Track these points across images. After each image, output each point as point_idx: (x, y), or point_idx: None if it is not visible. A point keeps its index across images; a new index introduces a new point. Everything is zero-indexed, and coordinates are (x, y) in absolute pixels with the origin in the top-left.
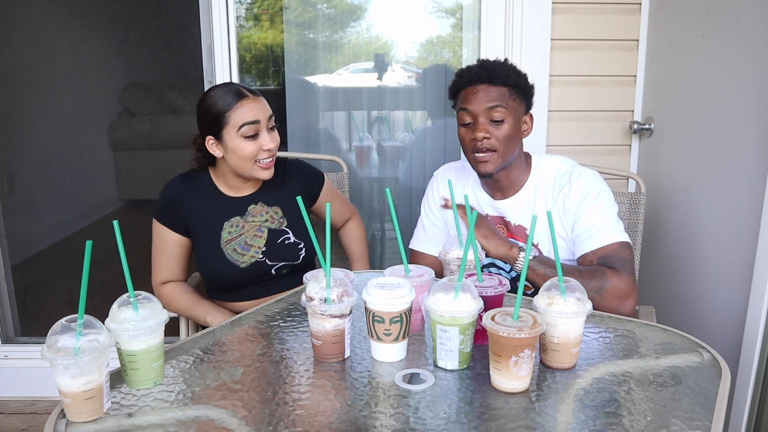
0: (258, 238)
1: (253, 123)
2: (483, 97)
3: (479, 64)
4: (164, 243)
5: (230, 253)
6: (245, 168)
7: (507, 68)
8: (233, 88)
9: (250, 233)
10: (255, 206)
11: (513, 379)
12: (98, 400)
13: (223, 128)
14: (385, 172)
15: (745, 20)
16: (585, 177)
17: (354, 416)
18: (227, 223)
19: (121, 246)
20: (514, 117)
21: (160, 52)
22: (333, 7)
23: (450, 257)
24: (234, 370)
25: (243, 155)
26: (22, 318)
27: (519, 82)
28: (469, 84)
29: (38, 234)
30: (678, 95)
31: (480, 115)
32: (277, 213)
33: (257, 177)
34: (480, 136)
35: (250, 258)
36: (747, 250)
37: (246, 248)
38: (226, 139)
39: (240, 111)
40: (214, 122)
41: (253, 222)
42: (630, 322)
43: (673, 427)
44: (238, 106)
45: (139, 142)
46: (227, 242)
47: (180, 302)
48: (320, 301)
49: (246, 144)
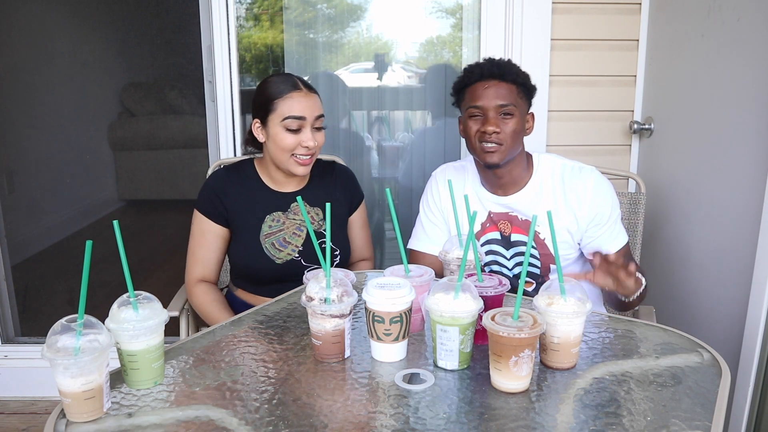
0: (297, 237)
1: (298, 118)
2: (494, 93)
3: (489, 61)
4: (204, 234)
5: (268, 248)
6: (282, 159)
7: (514, 67)
8: (291, 78)
9: (290, 230)
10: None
11: (513, 379)
12: (98, 400)
13: (269, 114)
14: (385, 172)
15: (745, 20)
16: (594, 172)
17: (354, 416)
18: (269, 217)
19: (121, 246)
20: (520, 114)
21: (160, 52)
22: (333, 7)
23: (450, 257)
24: (234, 370)
25: (281, 146)
26: (22, 318)
27: (526, 82)
28: (480, 79)
29: (38, 234)
30: (678, 95)
31: (490, 110)
32: (318, 215)
33: (292, 171)
34: (490, 129)
35: (286, 255)
36: (747, 250)
37: (284, 245)
38: (270, 126)
39: (289, 102)
40: (263, 107)
41: (294, 220)
42: (630, 322)
43: (673, 427)
44: (288, 96)
45: (139, 142)
46: (267, 236)
47: (211, 309)
48: (320, 301)
49: (286, 135)
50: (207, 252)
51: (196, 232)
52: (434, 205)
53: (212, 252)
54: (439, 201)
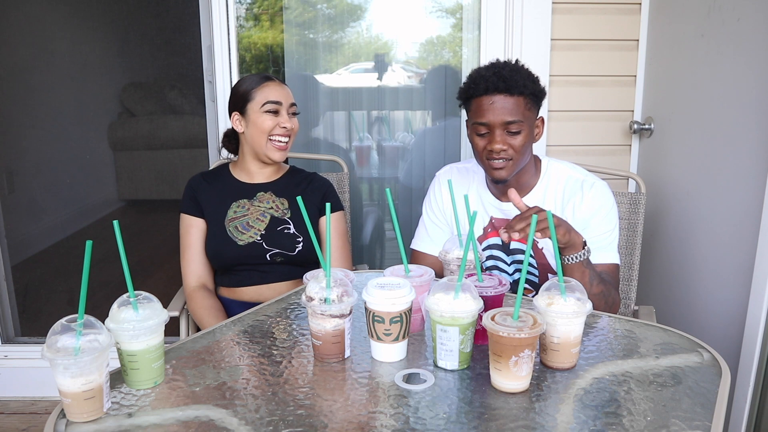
0: (260, 222)
1: (275, 102)
2: (500, 109)
3: (495, 72)
4: (188, 231)
5: (231, 230)
6: (261, 143)
7: (522, 75)
8: (263, 74)
9: (254, 216)
10: (264, 194)
11: (513, 379)
12: (98, 400)
13: (248, 103)
14: (385, 172)
15: (745, 20)
16: (597, 189)
17: (354, 416)
18: (235, 204)
19: (121, 246)
20: (529, 126)
21: (160, 52)
22: (333, 7)
23: (450, 257)
24: (234, 370)
25: (261, 128)
26: (22, 318)
27: (534, 90)
28: (485, 93)
29: (38, 234)
30: (678, 95)
31: (497, 127)
32: (283, 204)
33: (269, 156)
34: (498, 148)
35: (248, 238)
36: (747, 250)
37: (246, 228)
38: (250, 113)
39: (265, 90)
40: (241, 99)
41: (259, 207)
42: (630, 322)
43: (673, 427)
44: (264, 86)
45: (139, 142)
46: (231, 220)
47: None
48: (320, 301)
49: (266, 118)
50: (194, 249)
51: (182, 233)
52: (437, 206)
53: (199, 246)
54: (441, 202)
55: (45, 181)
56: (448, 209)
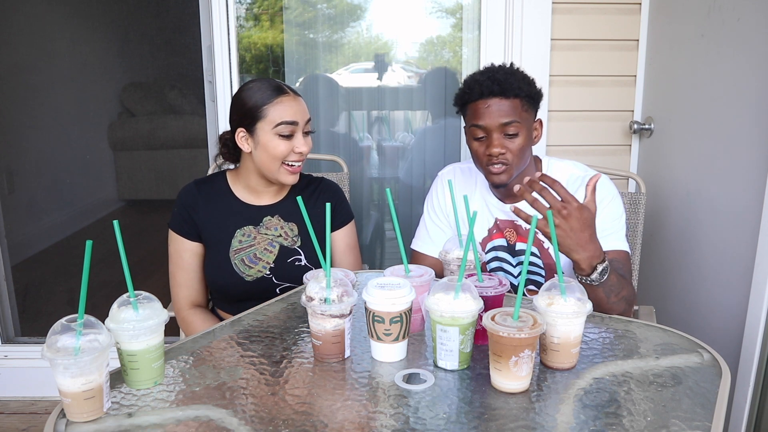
0: (268, 253)
1: (291, 123)
2: (496, 112)
3: (489, 76)
4: (180, 255)
5: (237, 264)
6: (272, 168)
7: (517, 78)
8: (275, 82)
9: (261, 246)
10: (271, 219)
11: (513, 379)
12: (98, 400)
13: (257, 121)
14: (386, 172)
15: (745, 20)
16: (599, 182)
17: (354, 416)
18: (239, 231)
19: (121, 246)
20: (526, 128)
21: (160, 52)
22: (333, 7)
23: (450, 257)
24: (234, 370)
25: (273, 154)
26: (22, 318)
27: (530, 92)
28: (481, 97)
29: (38, 234)
30: (678, 95)
31: (494, 131)
32: (292, 230)
33: (281, 180)
34: (496, 152)
35: (256, 272)
36: (747, 251)
37: (254, 261)
38: (260, 134)
39: (279, 107)
40: (248, 114)
41: (266, 235)
42: (630, 322)
43: (673, 427)
44: (277, 101)
45: (139, 142)
46: (236, 251)
47: None
48: (320, 301)
49: (279, 143)
50: (188, 273)
51: (173, 253)
52: (438, 206)
53: (193, 272)
54: (444, 203)
55: (45, 181)
56: (450, 210)
